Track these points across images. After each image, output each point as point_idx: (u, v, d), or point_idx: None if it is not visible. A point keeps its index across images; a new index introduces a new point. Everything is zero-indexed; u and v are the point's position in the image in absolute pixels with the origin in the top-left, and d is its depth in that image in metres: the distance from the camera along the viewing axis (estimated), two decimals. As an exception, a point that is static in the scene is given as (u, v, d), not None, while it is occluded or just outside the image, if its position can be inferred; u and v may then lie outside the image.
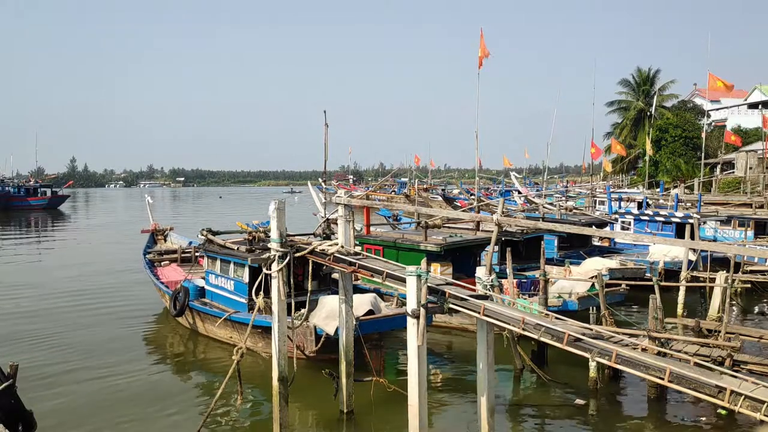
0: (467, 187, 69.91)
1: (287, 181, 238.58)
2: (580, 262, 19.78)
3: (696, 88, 72.79)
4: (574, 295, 16.17)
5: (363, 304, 13.76)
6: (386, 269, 9.72)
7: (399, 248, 17.79)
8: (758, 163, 45.83)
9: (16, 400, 7.77)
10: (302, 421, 11.59)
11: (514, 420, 11.36)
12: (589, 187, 46.54)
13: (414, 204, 35.87)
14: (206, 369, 14.54)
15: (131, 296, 21.75)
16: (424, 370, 8.60)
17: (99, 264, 30.35)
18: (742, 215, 27.57)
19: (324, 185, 18.11)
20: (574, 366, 12.56)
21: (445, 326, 16.61)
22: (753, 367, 11.13)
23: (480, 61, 22.05)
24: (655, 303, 12.21)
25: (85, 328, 17.56)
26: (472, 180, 78.04)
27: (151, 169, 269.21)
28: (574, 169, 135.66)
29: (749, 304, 20.43)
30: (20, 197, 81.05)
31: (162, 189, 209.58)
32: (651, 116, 56.67)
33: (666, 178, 49.75)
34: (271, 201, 10.43)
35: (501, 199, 17.86)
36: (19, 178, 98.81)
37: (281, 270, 10.14)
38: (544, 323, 8.15)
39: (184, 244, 22.94)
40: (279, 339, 10.19)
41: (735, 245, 16.98)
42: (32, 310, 19.80)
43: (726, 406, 6.65)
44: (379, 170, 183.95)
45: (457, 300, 8.67)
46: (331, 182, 53.16)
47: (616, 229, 27.09)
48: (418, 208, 26.54)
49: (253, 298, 13.79)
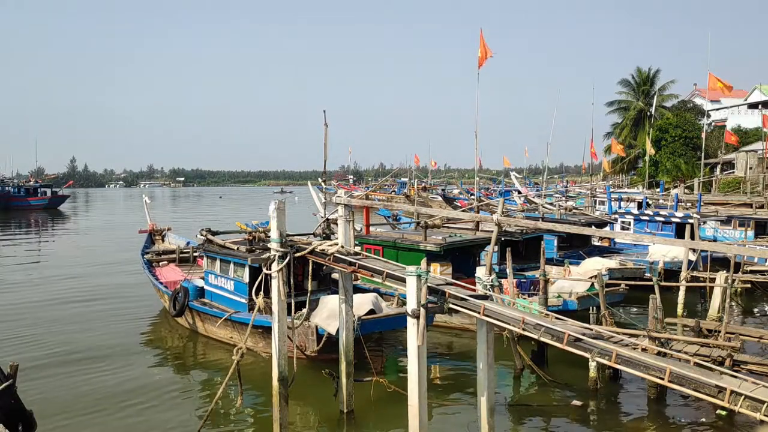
0: (467, 187, 69.95)
1: (287, 180, 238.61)
2: (580, 262, 19.78)
3: (696, 88, 72.83)
4: (573, 295, 16.17)
5: (364, 304, 13.77)
6: (386, 269, 9.72)
7: (399, 248, 17.79)
8: (758, 163, 45.82)
9: (16, 400, 7.77)
10: (302, 421, 11.59)
11: (514, 420, 11.36)
12: (588, 187, 46.57)
13: (414, 204, 35.86)
14: (206, 369, 14.52)
15: (130, 296, 21.73)
16: (424, 370, 8.59)
17: (97, 264, 30.37)
18: (742, 215, 27.57)
19: (324, 185, 18.09)
20: (574, 366, 12.55)
21: (445, 326, 16.61)
22: (753, 367, 11.12)
23: (480, 61, 22.04)
24: (655, 303, 12.21)
25: (84, 329, 17.54)
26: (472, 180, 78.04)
27: (151, 169, 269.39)
28: (574, 169, 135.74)
29: (749, 304, 20.43)
30: (20, 197, 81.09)
31: (162, 189, 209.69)
32: (651, 116, 56.72)
33: (666, 178, 49.75)
34: (270, 201, 10.44)
35: (501, 199, 17.85)
36: (19, 178, 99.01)
37: (281, 270, 10.14)
38: (544, 323, 8.14)
39: (182, 244, 22.90)
40: (279, 339, 10.19)
41: (735, 245, 16.98)
42: (31, 311, 19.77)
43: (726, 406, 6.65)
44: (379, 170, 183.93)
45: (457, 300, 8.67)
46: (331, 182, 53.17)
47: (615, 229, 27.09)
48: (417, 208, 26.56)
49: (253, 298, 13.79)
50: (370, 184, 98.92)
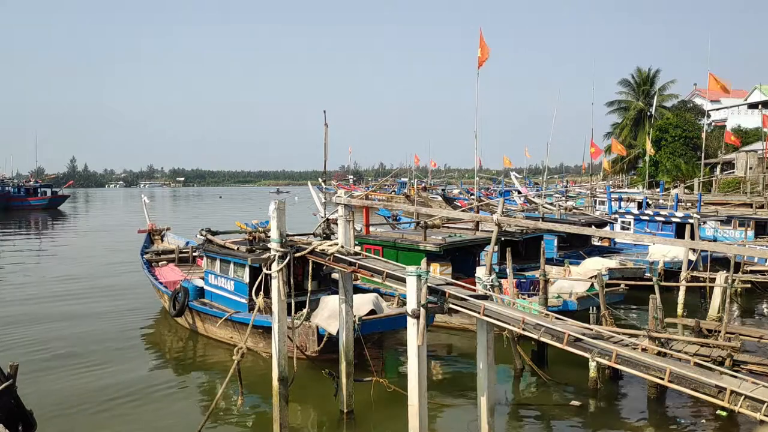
0: (467, 187, 69.94)
1: (287, 180, 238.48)
2: (580, 262, 19.77)
3: (696, 88, 72.77)
4: (573, 295, 16.17)
5: (365, 304, 13.76)
6: (386, 269, 9.72)
7: (398, 248, 17.78)
8: (758, 163, 45.81)
9: (16, 400, 7.78)
10: (302, 421, 11.59)
11: (514, 420, 11.36)
12: (588, 187, 46.56)
13: (413, 204, 35.86)
14: (206, 369, 14.52)
15: (129, 296, 21.72)
16: (424, 370, 8.59)
17: (97, 264, 30.36)
18: (742, 215, 27.57)
19: (324, 185, 18.07)
20: (574, 366, 12.54)
21: (445, 326, 16.60)
22: (753, 367, 11.14)
23: (480, 61, 22.03)
24: (655, 303, 12.20)
25: (84, 329, 17.52)
26: (472, 180, 78.03)
27: (151, 169, 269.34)
28: (574, 169, 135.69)
29: (749, 304, 20.43)
30: (20, 197, 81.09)
31: (162, 189, 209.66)
32: (651, 116, 56.71)
33: (666, 178, 49.74)
34: (270, 201, 10.44)
35: (501, 199, 17.86)
36: (19, 178, 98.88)
37: (281, 270, 10.14)
38: (544, 323, 8.14)
39: (181, 244, 22.90)
40: (279, 339, 10.19)
41: (735, 245, 16.97)
42: (30, 311, 19.76)
43: (726, 406, 6.65)
44: (379, 170, 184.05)
45: (457, 300, 8.67)
46: (331, 182, 53.16)
47: (616, 229, 27.08)
48: (417, 208, 26.55)
49: (253, 298, 13.78)
50: (370, 184, 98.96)
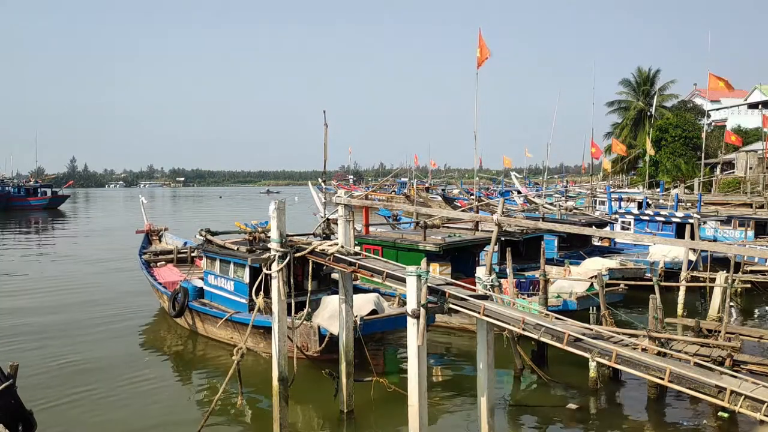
0: (467, 187, 69.94)
1: (287, 180, 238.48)
2: (580, 262, 19.78)
3: (696, 88, 72.82)
4: (573, 295, 16.17)
5: (366, 304, 13.77)
6: (386, 269, 9.72)
7: (398, 248, 17.78)
8: (758, 163, 45.84)
9: (16, 400, 7.78)
10: (302, 421, 11.59)
11: (514, 420, 11.36)
12: (589, 187, 46.54)
13: (413, 204, 35.86)
14: (206, 369, 14.52)
15: (127, 296, 21.71)
16: (424, 370, 8.59)
17: (96, 264, 30.36)
18: (742, 215, 27.59)
19: (324, 185, 18.10)
20: (574, 366, 12.55)
21: (445, 326, 16.60)
22: (753, 367, 11.13)
23: (479, 61, 22.01)
24: (655, 303, 12.21)
25: (82, 330, 17.52)
26: (471, 180, 77.99)
27: (151, 169, 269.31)
28: (574, 169, 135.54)
29: (749, 304, 20.42)
30: (20, 197, 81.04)
31: (162, 189, 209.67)
32: (651, 116, 56.68)
33: (666, 178, 49.75)
34: (270, 201, 10.44)
35: (501, 199, 17.86)
36: (19, 178, 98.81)
37: (281, 270, 10.14)
38: (544, 323, 8.14)
39: (179, 244, 22.88)
40: (279, 339, 10.19)
41: (735, 245, 16.98)
42: (29, 311, 19.76)
43: (726, 406, 6.65)
44: (379, 170, 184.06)
45: (457, 300, 8.67)
46: (331, 182, 53.16)
47: (616, 229, 27.09)
48: (417, 208, 26.52)
49: (253, 298, 13.78)
50: (370, 184, 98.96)
